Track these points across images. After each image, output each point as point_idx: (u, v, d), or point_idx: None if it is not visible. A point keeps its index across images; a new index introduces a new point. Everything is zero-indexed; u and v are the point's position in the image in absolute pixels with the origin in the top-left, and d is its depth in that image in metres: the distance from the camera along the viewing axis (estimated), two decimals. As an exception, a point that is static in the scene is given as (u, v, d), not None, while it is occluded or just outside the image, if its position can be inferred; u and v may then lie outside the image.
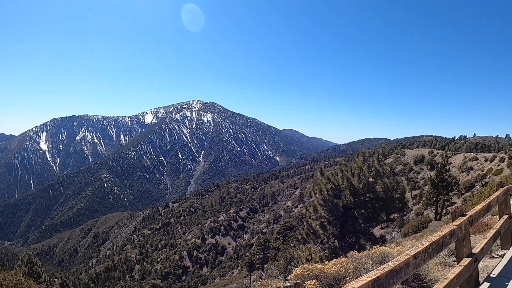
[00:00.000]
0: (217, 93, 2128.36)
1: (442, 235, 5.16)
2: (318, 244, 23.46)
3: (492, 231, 8.19)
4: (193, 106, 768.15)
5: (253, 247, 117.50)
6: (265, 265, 65.22)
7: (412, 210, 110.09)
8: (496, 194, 8.98)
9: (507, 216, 9.55)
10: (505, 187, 9.90)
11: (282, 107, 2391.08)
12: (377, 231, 59.20)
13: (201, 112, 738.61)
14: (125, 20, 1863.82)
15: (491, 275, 7.24)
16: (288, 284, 3.09)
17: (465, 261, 6.10)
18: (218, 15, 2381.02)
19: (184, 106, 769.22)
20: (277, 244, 61.10)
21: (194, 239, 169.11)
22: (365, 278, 3.32)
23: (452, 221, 6.19)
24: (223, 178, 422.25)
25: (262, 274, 56.35)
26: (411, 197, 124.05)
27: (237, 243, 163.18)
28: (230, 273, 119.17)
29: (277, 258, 45.99)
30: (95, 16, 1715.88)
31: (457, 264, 6.21)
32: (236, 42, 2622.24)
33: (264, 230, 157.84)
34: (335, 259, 9.46)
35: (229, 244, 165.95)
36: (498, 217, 10.16)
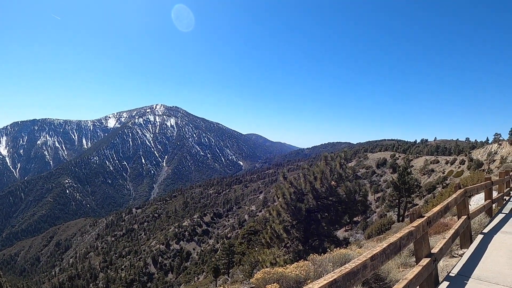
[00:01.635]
0: (181, 97, 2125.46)
1: (400, 236, 5.22)
2: (282, 247, 23.50)
3: (451, 231, 8.33)
4: (157, 110, 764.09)
5: (218, 252, 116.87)
6: (231, 270, 65.04)
7: (375, 212, 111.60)
8: (454, 195, 9.14)
9: (465, 216, 9.74)
10: (463, 189, 10.08)
11: (245, 111, 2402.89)
12: (341, 233, 59.70)
13: (164, 116, 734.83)
14: (86, 23, 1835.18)
15: (450, 274, 7.35)
16: (243, 288, 3.08)
17: (424, 261, 6.18)
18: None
19: (148, 110, 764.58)
20: (242, 249, 60.83)
21: (158, 245, 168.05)
22: (322, 281, 3.33)
23: (411, 223, 6.27)
24: (186, 183, 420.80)
25: (228, 279, 56.20)
26: (374, 199, 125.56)
27: (202, 248, 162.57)
28: (196, 278, 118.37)
29: (242, 262, 45.94)
30: (61, 18, 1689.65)
31: (417, 264, 6.28)
32: (200, 47, 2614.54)
33: (228, 235, 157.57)
34: (296, 262, 9.48)
35: (193, 249, 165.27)
36: (457, 217, 10.33)
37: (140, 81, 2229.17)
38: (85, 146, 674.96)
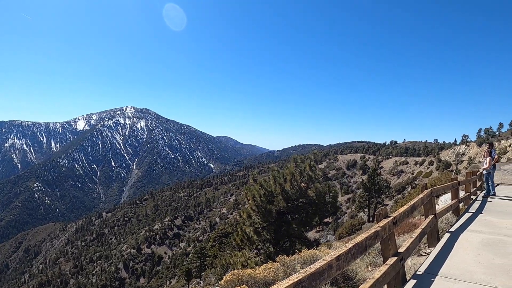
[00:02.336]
0: (151, 99, 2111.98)
1: (366, 236, 5.27)
2: (253, 250, 23.50)
3: (418, 231, 8.46)
4: (127, 112, 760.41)
5: (190, 255, 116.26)
6: (203, 273, 64.82)
7: (346, 213, 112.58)
8: (420, 195, 9.30)
9: (432, 216, 9.90)
10: (429, 189, 10.27)
11: (216, 113, 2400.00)
12: (312, 234, 60.09)
13: (134, 118, 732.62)
14: (53, 22, 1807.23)
15: (417, 272, 7.45)
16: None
17: (391, 260, 6.27)
18: (152, 20, 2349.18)
19: (117, 113, 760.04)
20: (214, 252, 60.67)
21: (129, 250, 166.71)
22: (287, 282, 3.35)
23: (377, 223, 6.35)
24: (157, 186, 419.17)
25: (200, 282, 56.01)
26: (345, 200, 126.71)
27: (173, 251, 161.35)
28: (168, 283, 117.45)
29: (214, 265, 45.90)
30: (31, 18, 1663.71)
31: (384, 263, 6.36)
32: (169, 48, 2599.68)
33: (200, 238, 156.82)
34: (265, 264, 9.52)
35: (165, 253, 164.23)
36: (424, 217, 10.50)
37: (110, 82, 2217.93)
38: (54, 149, 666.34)
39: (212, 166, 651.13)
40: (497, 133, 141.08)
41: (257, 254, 23.00)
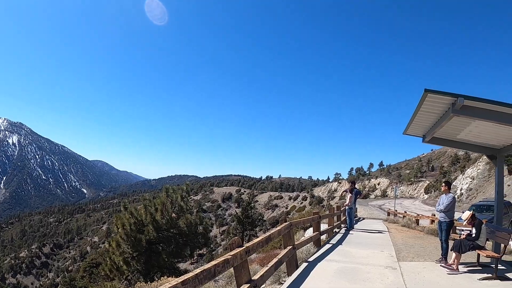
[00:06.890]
0: (27, 113, 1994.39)
1: (215, 263, 5.65)
2: (123, 280, 23.33)
3: (274, 260, 9.11)
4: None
5: (59, 287, 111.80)
6: (72, 307, 62.74)
7: (220, 245, 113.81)
8: (278, 228, 10.12)
9: (291, 246, 10.74)
10: (288, 222, 11.08)
11: (93, 135, 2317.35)
12: (187, 266, 60.19)
13: (6, 132, 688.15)
14: None
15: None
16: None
17: (244, 287, 6.73)
18: (28, 27, 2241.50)
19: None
20: (84, 283, 58.71)
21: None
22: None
23: (230, 252, 6.81)
24: (25, 209, 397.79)
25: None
26: (220, 232, 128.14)
27: (41, 282, 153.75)
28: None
29: (84, 298, 44.67)
30: None
31: (237, 290, 6.81)
32: (42, 56, 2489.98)
33: (70, 268, 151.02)
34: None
35: (32, 284, 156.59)
36: (283, 248, 11.22)
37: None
38: None
39: (85, 191, 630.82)
40: (368, 172, 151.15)
41: (127, 285, 22.85)
